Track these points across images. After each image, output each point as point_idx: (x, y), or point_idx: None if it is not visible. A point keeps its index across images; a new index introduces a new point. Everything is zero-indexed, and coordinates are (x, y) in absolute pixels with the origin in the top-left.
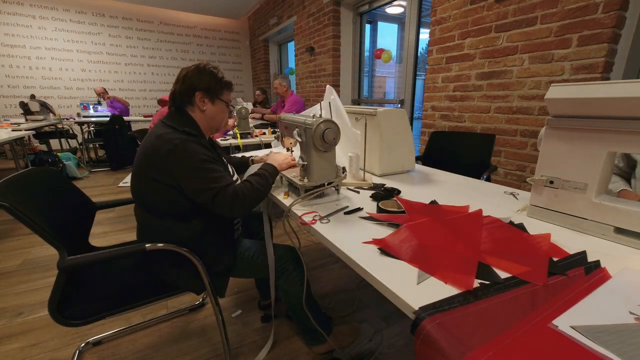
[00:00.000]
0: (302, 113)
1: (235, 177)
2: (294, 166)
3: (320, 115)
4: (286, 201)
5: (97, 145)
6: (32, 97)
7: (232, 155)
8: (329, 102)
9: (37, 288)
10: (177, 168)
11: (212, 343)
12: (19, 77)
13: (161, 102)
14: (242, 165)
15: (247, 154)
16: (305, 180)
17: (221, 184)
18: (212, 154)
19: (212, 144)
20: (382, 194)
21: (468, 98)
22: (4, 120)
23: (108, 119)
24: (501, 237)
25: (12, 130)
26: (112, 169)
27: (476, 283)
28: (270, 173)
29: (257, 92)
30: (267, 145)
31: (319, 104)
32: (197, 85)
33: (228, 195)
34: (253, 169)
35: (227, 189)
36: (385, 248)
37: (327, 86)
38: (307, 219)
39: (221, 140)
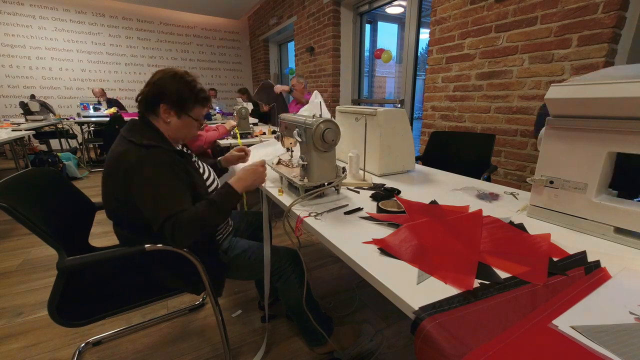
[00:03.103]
0: (301, 113)
1: (212, 180)
2: (262, 181)
3: (320, 115)
4: (286, 201)
5: (97, 145)
6: (32, 97)
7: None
8: (320, 102)
9: (37, 288)
10: (131, 190)
11: (212, 343)
12: (19, 77)
13: None
14: (214, 169)
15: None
16: (305, 180)
17: (166, 214)
18: (177, 164)
19: (180, 151)
20: (382, 194)
21: (468, 98)
22: (4, 120)
23: (108, 119)
24: (501, 237)
25: (12, 130)
26: None
27: (476, 283)
28: (223, 197)
29: (238, 94)
30: None
31: (309, 104)
32: (164, 95)
33: (170, 227)
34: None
35: (169, 220)
36: (385, 248)
37: (315, 91)
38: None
39: (221, 140)
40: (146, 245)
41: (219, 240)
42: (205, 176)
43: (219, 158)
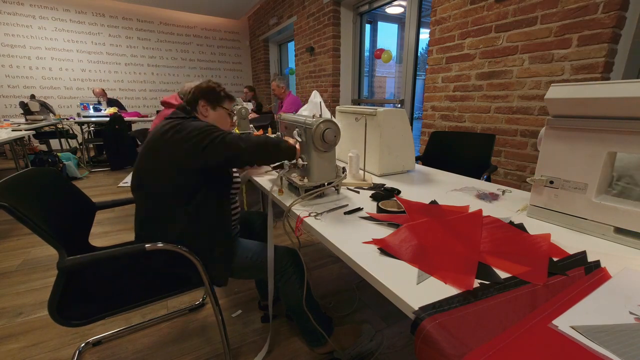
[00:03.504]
0: (301, 113)
1: (238, 179)
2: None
3: (320, 115)
4: (286, 201)
5: (96, 145)
6: (32, 97)
7: None
8: (320, 103)
9: (37, 288)
10: (183, 139)
11: (212, 343)
12: (19, 77)
13: (164, 103)
14: None
15: None
16: (305, 180)
17: (225, 131)
18: None
19: None
20: (382, 194)
21: (468, 98)
22: (4, 120)
23: (108, 119)
24: (501, 237)
25: (12, 130)
26: (112, 169)
27: (476, 283)
28: (280, 141)
29: (245, 89)
30: None
31: (309, 104)
32: (201, 94)
33: (233, 136)
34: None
35: (231, 133)
36: (385, 248)
37: (314, 91)
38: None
39: None
40: (146, 245)
41: (231, 235)
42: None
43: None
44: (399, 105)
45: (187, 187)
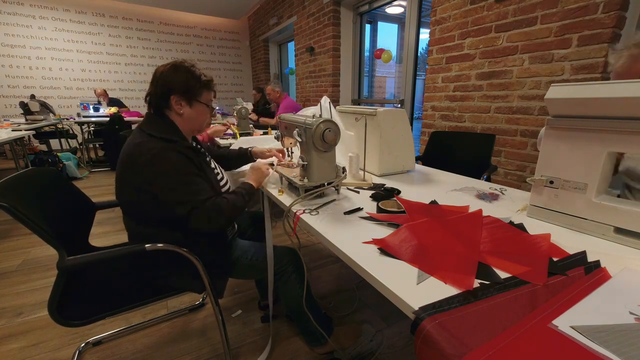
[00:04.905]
0: (301, 113)
1: (225, 180)
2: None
3: (320, 115)
4: (286, 201)
5: (98, 146)
6: (32, 97)
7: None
8: (328, 106)
9: (37, 288)
10: (155, 179)
11: (212, 343)
12: (19, 77)
13: None
14: (241, 158)
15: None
16: (305, 180)
17: (199, 198)
18: (194, 160)
19: (195, 148)
20: (382, 194)
21: (468, 98)
22: (4, 120)
23: (108, 119)
24: (501, 237)
25: (12, 130)
26: (112, 169)
27: (476, 283)
28: (247, 191)
29: (253, 91)
30: None
31: (317, 105)
32: (172, 87)
33: (205, 210)
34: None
35: (204, 203)
36: (385, 248)
37: (324, 97)
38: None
39: (221, 139)
40: (146, 245)
41: (228, 241)
42: (215, 172)
43: (249, 149)
44: (399, 105)
45: (172, 213)
